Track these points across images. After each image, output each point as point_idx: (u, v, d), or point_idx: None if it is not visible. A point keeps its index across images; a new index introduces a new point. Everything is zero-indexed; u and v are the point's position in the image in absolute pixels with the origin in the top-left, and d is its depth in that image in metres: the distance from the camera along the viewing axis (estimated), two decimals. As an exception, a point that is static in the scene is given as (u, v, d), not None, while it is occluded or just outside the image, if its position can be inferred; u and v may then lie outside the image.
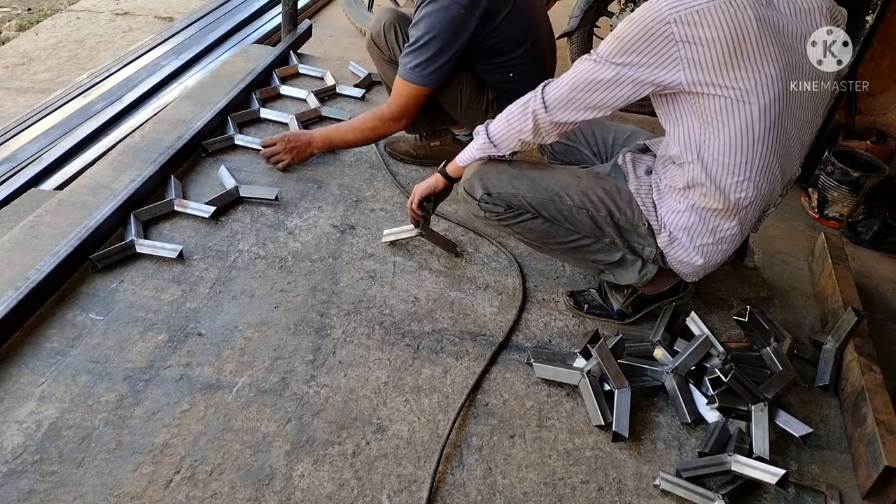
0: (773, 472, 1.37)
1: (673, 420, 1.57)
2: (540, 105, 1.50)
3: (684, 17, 1.32)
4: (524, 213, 1.66)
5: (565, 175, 1.66)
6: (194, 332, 1.60)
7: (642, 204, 1.61)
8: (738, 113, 1.39)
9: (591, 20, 3.05)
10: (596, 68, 1.42)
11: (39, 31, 3.99)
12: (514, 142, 1.58)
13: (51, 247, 1.68)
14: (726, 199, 1.48)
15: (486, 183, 1.65)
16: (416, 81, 1.99)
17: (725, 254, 1.61)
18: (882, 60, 2.57)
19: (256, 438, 1.39)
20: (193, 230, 1.91)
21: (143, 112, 2.92)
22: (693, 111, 1.43)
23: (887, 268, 2.32)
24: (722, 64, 1.34)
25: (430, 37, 1.91)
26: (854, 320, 1.73)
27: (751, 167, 1.44)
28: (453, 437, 1.46)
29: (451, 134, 2.42)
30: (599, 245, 1.68)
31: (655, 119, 1.57)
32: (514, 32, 2.03)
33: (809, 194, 2.55)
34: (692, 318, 1.74)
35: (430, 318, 1.75)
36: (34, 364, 1.46)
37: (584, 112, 1.48)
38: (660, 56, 1.36)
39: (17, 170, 2.47)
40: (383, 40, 2.17)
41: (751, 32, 1.33)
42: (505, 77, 2.09)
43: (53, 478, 1.25)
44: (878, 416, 1.49)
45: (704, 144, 1.45)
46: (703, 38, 1.32)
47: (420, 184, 1.81)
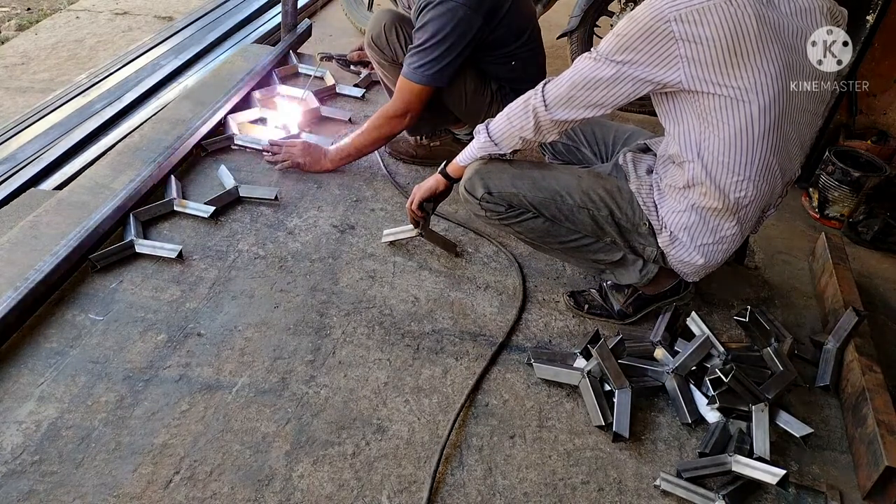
0: (773, 472, 1.37)
1: (673, 420, 1.57)
2: (540, 103, 1.50)
3: (684, 15, 1.32)
4: (525, 213, 1.66)
5: (566, 174, 1.66)
6: (194, 332, 1.59)
7: (643, 203, 1.60)
8: (737, 112, 1.39)
9: (591, 20, 3.05)
10: (596, 66, 1.42)
11: (39, 30, 3.99)
12: (515, 140, 1.58)
13: (50, 247, 1.67)
14: (726, 199, 1.48)
15: (487, 182, 1.65)
16: (419, 81, 1.99)
17: (726, 253, 1.61)
18: (882, 60, 2.57)
19: (256, 439, 1.38)
20: (193, 230, 1.91)
21: (142, 112, 2.91)
22: (693, 110, 1.43)
23: (888, 268, 2.32)
24: (721, 63, 1.34)
25: (438, 39, 1.93)
26: (854, 320, 1.73)
27: (750, 167, 1.44)
28: (453, 437, 1.46)
29: (452, 134, 2.42)
30: (600, 245, 1.68)
31: (656, 119, 1.57)
32: (516, 24, 2.05)
33: (810, 194, 2.54)
34: (693, 318, 1.74)
35: (430, 318, 1.75)
36: (34, 364, 1.45)
37: (584, 110, 1.47)
38: (659, 54, 1.36)
39: (16, 170, 2.47)
40: (384, 41, 2.17)
41: (751, 32, 1.33)
42: (507, 67, 2.11)
43: (53, 478, 1.25)
44: (879, 416, 1.49)
45: (704, 143, 1.45)
46: (703, 36, 1.32)
47: (420, 185, 1.80)
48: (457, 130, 2.42)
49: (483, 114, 2.15)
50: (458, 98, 2.13)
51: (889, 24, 2.44)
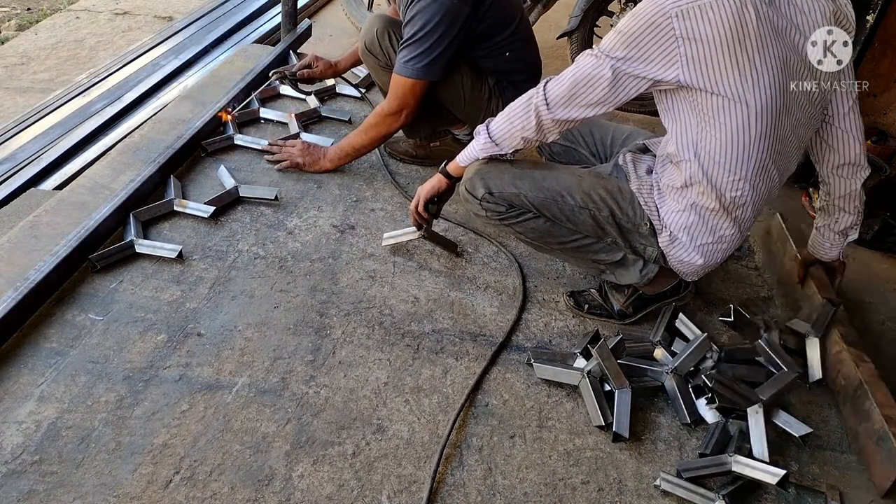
0: (773, 472, 1.37)
1: (673, 420, 1.57)
2: (542, 102, 1.49)
3: (686, 11, 1.32)
4: (526, 213, 1.65)
5: (567, 175, 1.66)
6: (194, 332, 1.59)
7: (644, 203, 1.60)
8: (735, 112, 1.39)
9: (591, 20, 3.05)
10: (597, 63, 1.42)
11: (39, 30, 3.99)
12: (516, 140, 1.58)
13: (50, 247, 1.67)
14: (722, 198, 1.48)
15: (488, 182, 1.65)
16: (411, 75, 1.99)
17: (725, 253, 1.61)
18: (882, 60, 2.57)
19: (256, 439, 1.38)
20: (193, 230, 1.91)
21: (142, 112, 2.92)
22: (691, 108, 1.43)
23: (888, 268, 2.32)
24: (721, 62, 1.34)
25: (426, 31, 1.92)
26: (832, 311, 1.73)
27: (747, 166, 1.45)
28: (453, 437, 1.46)
29: (451, 134, 2.42)
30: (601, 245, 1.68)
31: (657, 119, 1.57)
32: (504, 12, 2.05)
33: (810, 194, 2.54)
34: (681, 319, 1.73)
35: (430, 318, 1.75)
36: (33, 364, 1.45)
37: (585, 109, 1.47)
38: (659, 52, 1.36)
39: (16, 170, 2.47)
40: (377, 47, 2.17)
41: (751, 31, 1.33)
42: (501, 58, 2.11)
43: (53, 478, 1.25)
44: (884, 411, 1.49)
45: (701, 143, 1.45)
46: (704, 34, 1.32)
47: (423, 186, 1.79)
48: (456, 131, 2.42)
49: (482, 111, 2.15)
50: (456, 97, 2.13)
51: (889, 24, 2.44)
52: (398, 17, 2.28)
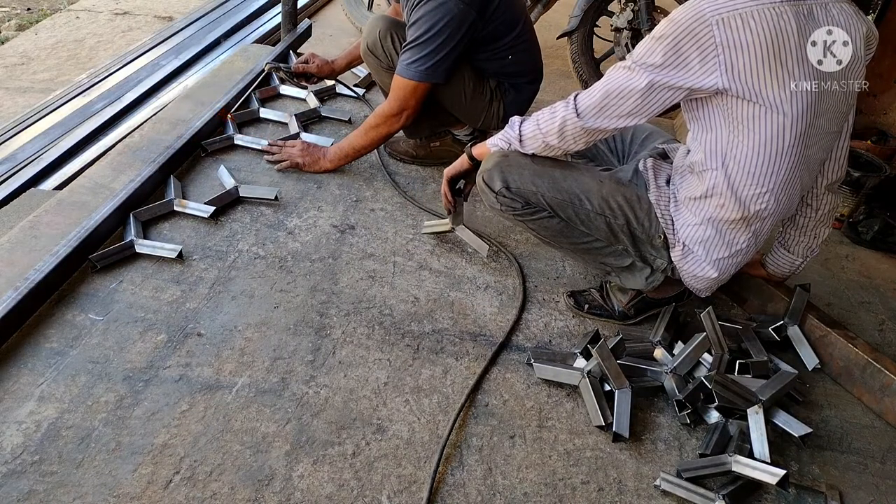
0: (773, 472, 1.37)
1: (673, 420, 1.57)
2: (572, 112, 1.48)
3: (727, 19, 1.30)
4: (541, 211, 1.64)
5: (587, 177, 1.63)
6: (194, 332, 1.59)
7: (661, 216, 1.59)
8: (770, 120, 1.37)
9: (591, 20, 3.05)
10: (630, 76, 1.40)
11: (39, 30, 3.99)
12: (538, 143, 1.57)
13: (50, 247, 1.67)
14: (745, 210, 1.46)
15: (507, 177, 1.62)
16: (413, 77, 1.99)
17: (738, 266, 1.61)
18: (882, 60, 2.57)
19: (256, 439, 1.38)
20: (193, 230, 1.91)
21: (142, 112, 2.92)
22: (724, 116, 1.41)
23: (888, 268, 2.32)
24: (761, 70, 1.32)
25: (431, 34, 1.92)
26: (806, 296, 1.77)
27: (775, 178, 1.43)
28: (453, 437, 1.46)
29: (451, 134, 2.42)
30: (611, 249, 1.67)
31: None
32: (509, 16, 2.05)
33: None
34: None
35: (430, 318, 1.75)
36: (33, 364, 1.45)
37: (617, 119, 1.45)
38: (699, 59, 1.34)
39: (16, 170, 2.47)
40: (380, 49, 2.17)
41: (791, 42, 1.31)
42: (504, 61, 2.11)
43: (53, 478, 1.25)
44: None
45: (731, 152, 1.43)
46: (744, 42, 1.30)
47: (448, 167, 1.80)
48: (457, 131, 2.42)
49: (483, 113, 2.15)
50: (457, 99, 2.13)
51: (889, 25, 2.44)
52: (398, 16, 2.28)
